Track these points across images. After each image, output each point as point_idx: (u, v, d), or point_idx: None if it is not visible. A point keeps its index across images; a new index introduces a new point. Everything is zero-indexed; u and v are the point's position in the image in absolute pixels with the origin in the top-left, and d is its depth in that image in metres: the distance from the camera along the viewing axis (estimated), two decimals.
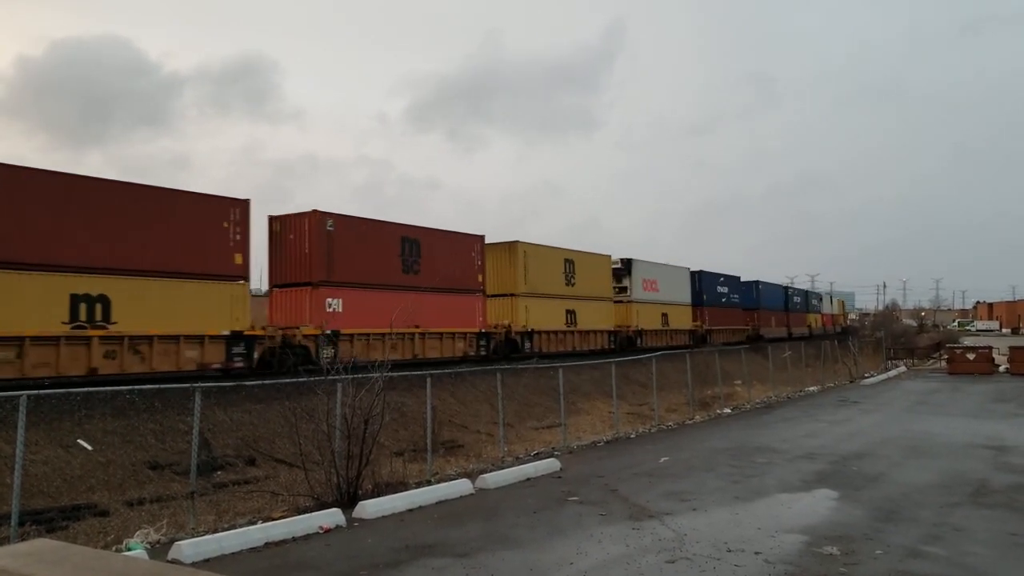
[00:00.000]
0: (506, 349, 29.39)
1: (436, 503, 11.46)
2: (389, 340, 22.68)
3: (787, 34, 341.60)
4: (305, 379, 12.80)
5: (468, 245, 28.17)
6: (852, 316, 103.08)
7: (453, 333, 26.32)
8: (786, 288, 63.78)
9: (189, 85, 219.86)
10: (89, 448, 14.25)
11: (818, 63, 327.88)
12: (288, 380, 14.15)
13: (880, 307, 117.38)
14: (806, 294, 71.44)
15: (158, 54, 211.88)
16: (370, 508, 10.68)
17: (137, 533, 9.83)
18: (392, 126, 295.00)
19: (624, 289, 38.38)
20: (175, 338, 18.01)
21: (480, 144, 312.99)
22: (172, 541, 9.14)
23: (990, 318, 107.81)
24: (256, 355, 19.87)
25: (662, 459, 15.21)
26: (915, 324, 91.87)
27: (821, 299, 77.40)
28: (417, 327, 24.52)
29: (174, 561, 8.31)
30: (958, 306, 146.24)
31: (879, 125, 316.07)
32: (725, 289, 49.98)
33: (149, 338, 17.51)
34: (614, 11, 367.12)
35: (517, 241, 30.40)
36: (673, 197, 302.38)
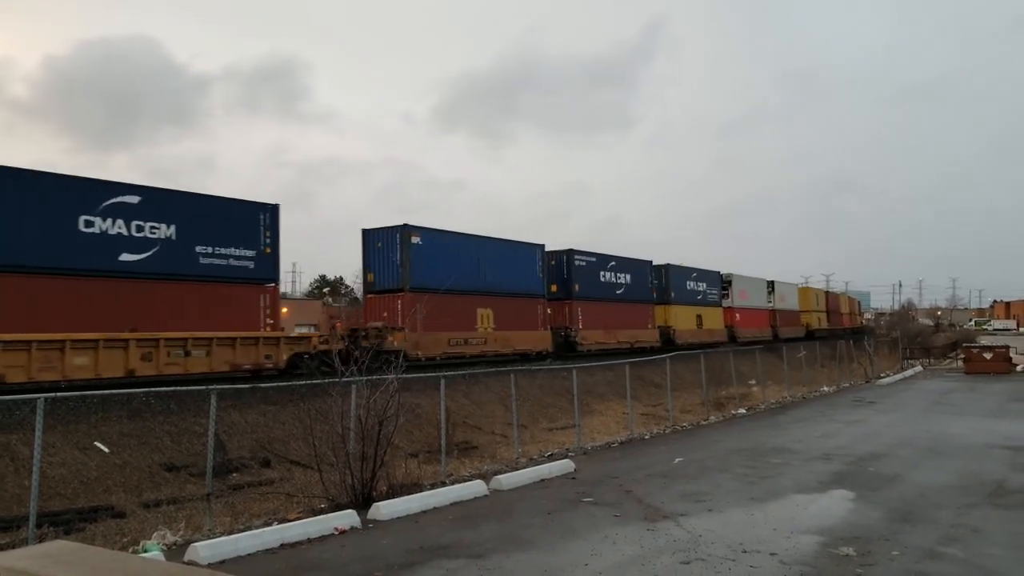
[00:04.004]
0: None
1: (450, 504, 11.47)
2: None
3: (825, 27, 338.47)
4: (320, 380, 12.86)
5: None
6: (868, 316, 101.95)
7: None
8: (567, 253, 33.19)
9: (217, 86, 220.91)
10: (106, 450, 14.36)
11: (854, 59, 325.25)
12: (303, 382, 14.20)
13: (896, 306, 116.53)
14: (663, 271, 40.36)
15: (187, 55, 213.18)
16: (385, 509, 10.71)
17: (154, 535, 9.90)
18: (419, 126, 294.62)
19: None
20: None
21: (509, 143, 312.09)
22: (188, 543, 9.20)
23: (1007, 317, 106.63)
24: None
25: (676, 460, 15.16)
26: (931, 323, 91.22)
27: (729, 284, 47.55)
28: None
29: (190, 562, 8.37)
30: (975, 305, 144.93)
31: (911, 124, 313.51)
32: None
33: None
34: (654, 7, 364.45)
35: None
36: (701, 196, 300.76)
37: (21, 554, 3.04)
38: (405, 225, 25.30)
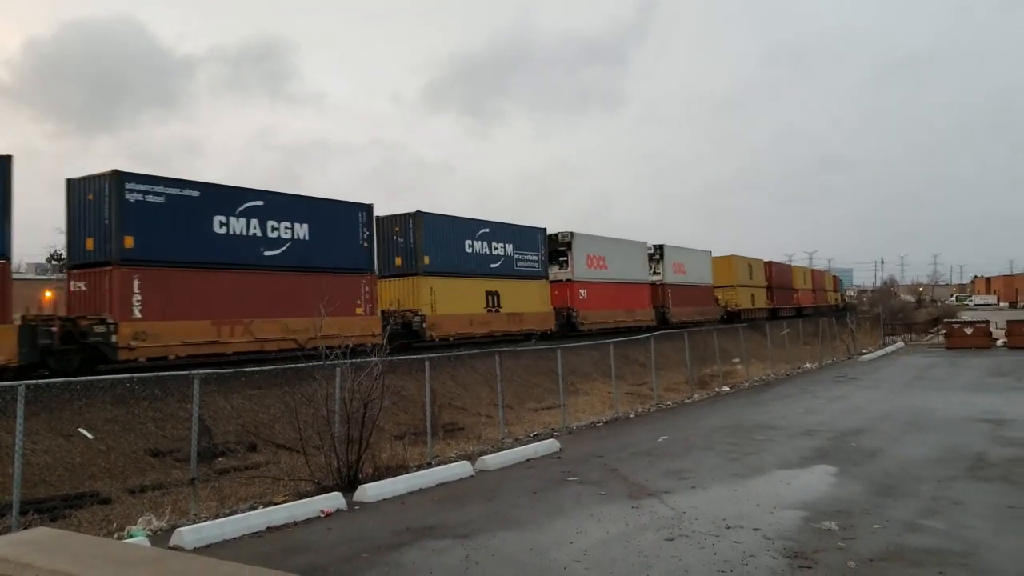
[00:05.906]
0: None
1: (436, 485, 11.51)
2: None
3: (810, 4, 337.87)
4: (304, 364, 12.82)
5: None
6: (850, 292, 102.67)
7: None
8: (111, 180, 17.05)
9: (203, 68, 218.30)
10: (90, 436, 14.29)
11: (840, 33, 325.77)
12: (288, 366, 14.15)
13: (878, 283, 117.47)
14: (409, 224, 26.10)
15: (172, 36, 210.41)
16: (371, 491, 10.74)
17: (139, 520, 9.88)
18: (409, 106, 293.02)
19: None
20: None
21: (499, 123, 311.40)
22: (174, 527, 9.18)
23: (988, 292, 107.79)
24: None
25: (661, 438, 15.26)
26: (913, 299, 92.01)
27: (568, 248, 33.83)
28: None
29: (176, 547, 8.36)
30: (956, 281, 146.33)
31: (895, 100, 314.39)
32: None
33: None
34: None
35: None
36: (688, 175, 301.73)
37: (2, 541, 3.02)
38: None
